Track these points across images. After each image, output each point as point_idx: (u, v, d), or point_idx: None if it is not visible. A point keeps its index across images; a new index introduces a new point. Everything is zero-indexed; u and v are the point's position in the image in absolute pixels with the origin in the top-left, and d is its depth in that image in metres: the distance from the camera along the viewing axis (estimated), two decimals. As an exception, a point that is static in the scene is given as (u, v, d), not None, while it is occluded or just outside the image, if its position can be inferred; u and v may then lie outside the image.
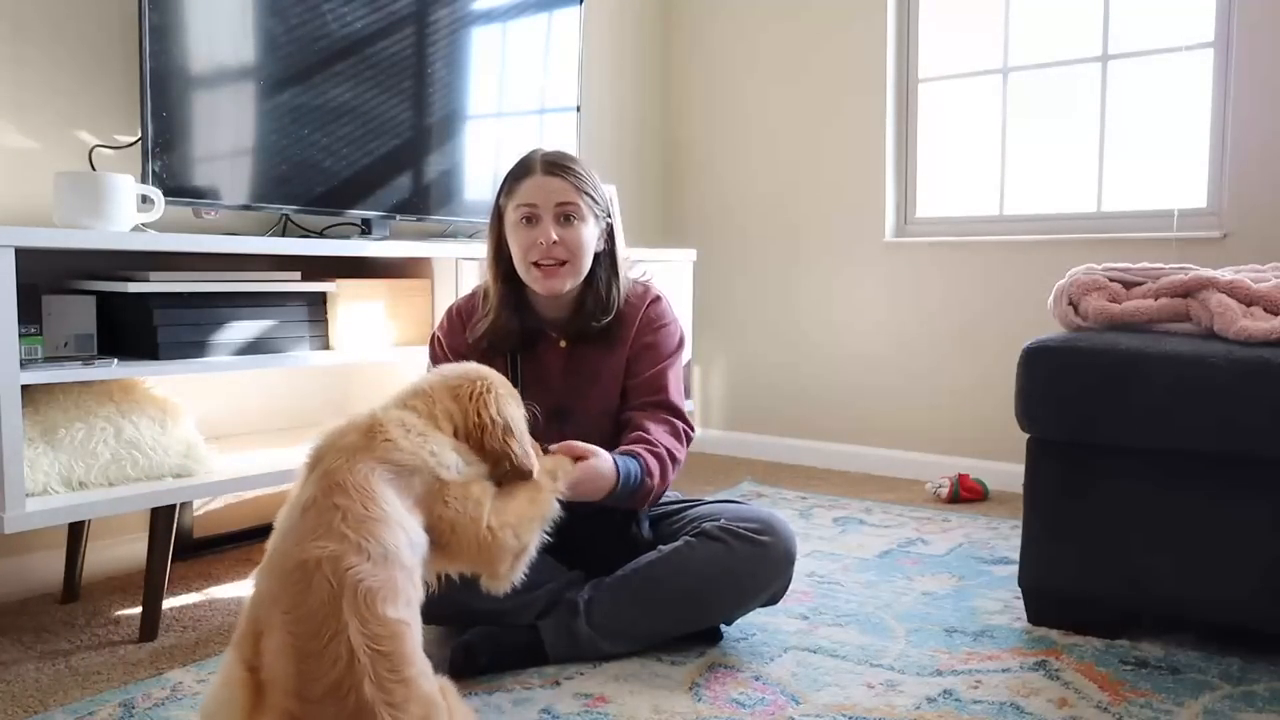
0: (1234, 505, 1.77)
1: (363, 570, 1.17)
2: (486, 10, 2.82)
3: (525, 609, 1.77)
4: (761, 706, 1.63)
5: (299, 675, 1.12)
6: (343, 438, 1.32)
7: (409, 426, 1.36)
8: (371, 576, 1.17)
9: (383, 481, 1.28)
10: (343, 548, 1.18)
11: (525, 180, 1.82)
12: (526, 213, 1.81)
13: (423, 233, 2.87)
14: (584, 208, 1.82)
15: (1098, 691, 1.67)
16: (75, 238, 1.87)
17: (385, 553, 1.21)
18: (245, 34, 2.30)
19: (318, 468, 1.29)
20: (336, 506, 1.22)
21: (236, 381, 2.51)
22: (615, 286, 1.89)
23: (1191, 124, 2.98)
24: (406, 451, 1.32)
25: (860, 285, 3.55)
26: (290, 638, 1.14)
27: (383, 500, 1.26)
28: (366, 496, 1.24)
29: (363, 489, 1.25)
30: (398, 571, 1.21)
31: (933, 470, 3.33)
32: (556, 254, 1.80)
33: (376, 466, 1.28)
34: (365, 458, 1.29)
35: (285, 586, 1.18)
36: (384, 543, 1.22)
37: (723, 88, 3.85)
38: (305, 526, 1.22)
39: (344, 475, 1.26)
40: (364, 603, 1.15)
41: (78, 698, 1.69)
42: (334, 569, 1.16)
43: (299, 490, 1.29)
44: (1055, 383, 1.89)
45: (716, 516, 1.85)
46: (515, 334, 1.87)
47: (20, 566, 2.20)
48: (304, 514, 1.24)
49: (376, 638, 1.14)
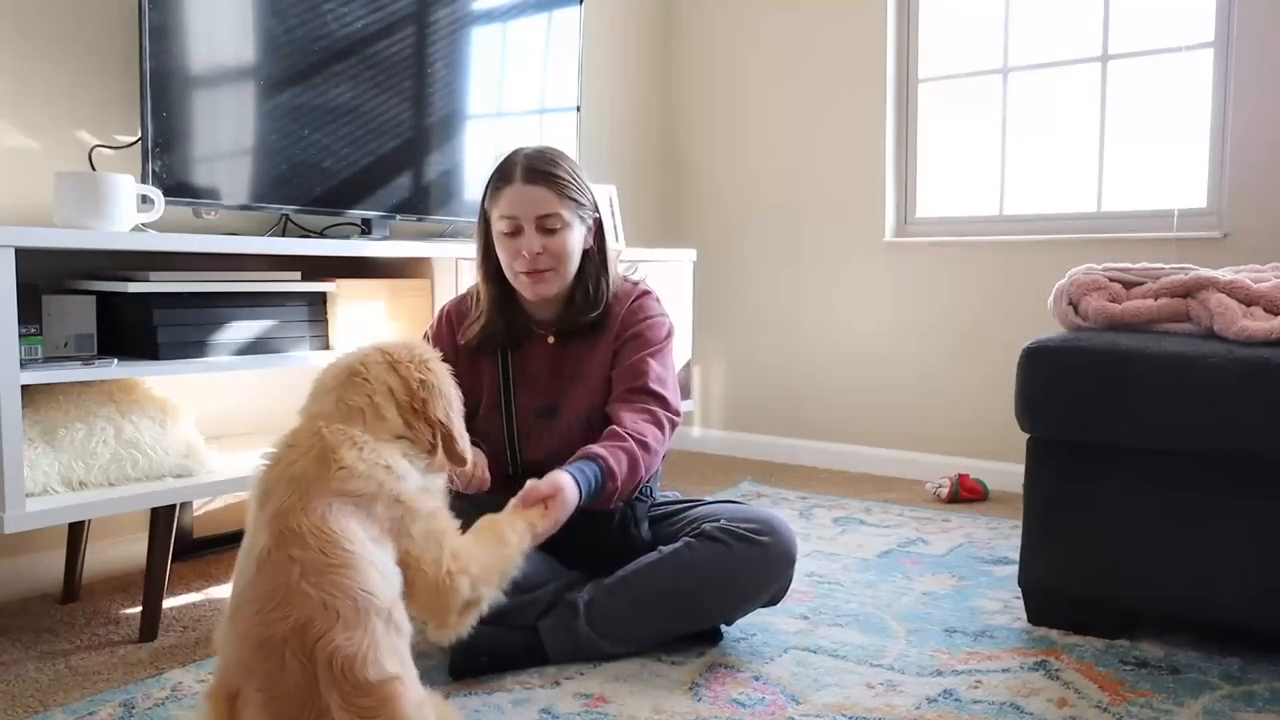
0: (1234, 505, 1.77)
1: (334, 637, 1.07)
2: (486, 10, 2.82)
3: (526, 609, 1.77)
4: (761, 706, 1.63)
5: None
6: (291, 466, 1.21)
7: (359, 443, 1.25)
8: (346, 641, 1.07)
9: (343, 516, 1.17)
10: (307, 612, 1.08)
11: (506, 189, 1.81)
12: (509, 225, 1.81)
13: (423, 233, 2.87)
14: (566, 215, 1.81)
15: (1098, 691, 1.67)
16: (75, 238, 1.87)
17: (356, 604, 1.11)
18: (245, 34, 2.30)
19: (268, 504, 1.18)
20: (293, 559, 1.12)
21: (236, 381, 2.51)
22: (604, 281, 1.90)
23: (1191, 124, 2.98)
24: (363, 476, 1.21)
25: (860, 285, 3.55)
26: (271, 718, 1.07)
27: (345, 541, 1.15)
28: (325, 540, 1.13)
29: (320, 532, 1.14)
30: (375, 621, 1.11)
31: (933, 470, 3.33)
32: (541, 264, 1.81)
33: (333, 501, 1.17)
34: (320, 491, 1.18)
35: (256, 662, 1.09)
36: (352, 593, 1.11)
37: (723, 88, 3.85)
38: (263, 589, 1.12)
39: (297, 519, 1.15)
40: (343, 674, 1.06)
41: (78, 698, 1.69)
42: (301, 643, 1.07)
43: (252, 532, 1.19)
44: (1055, 383, 1.89)
45: (716, 517, 1.86)
46: (503, 332, 1.89)
47: (20, 566, 2.20)
48: (260, 570, 1.14)
49: (366, 711, 1.06)
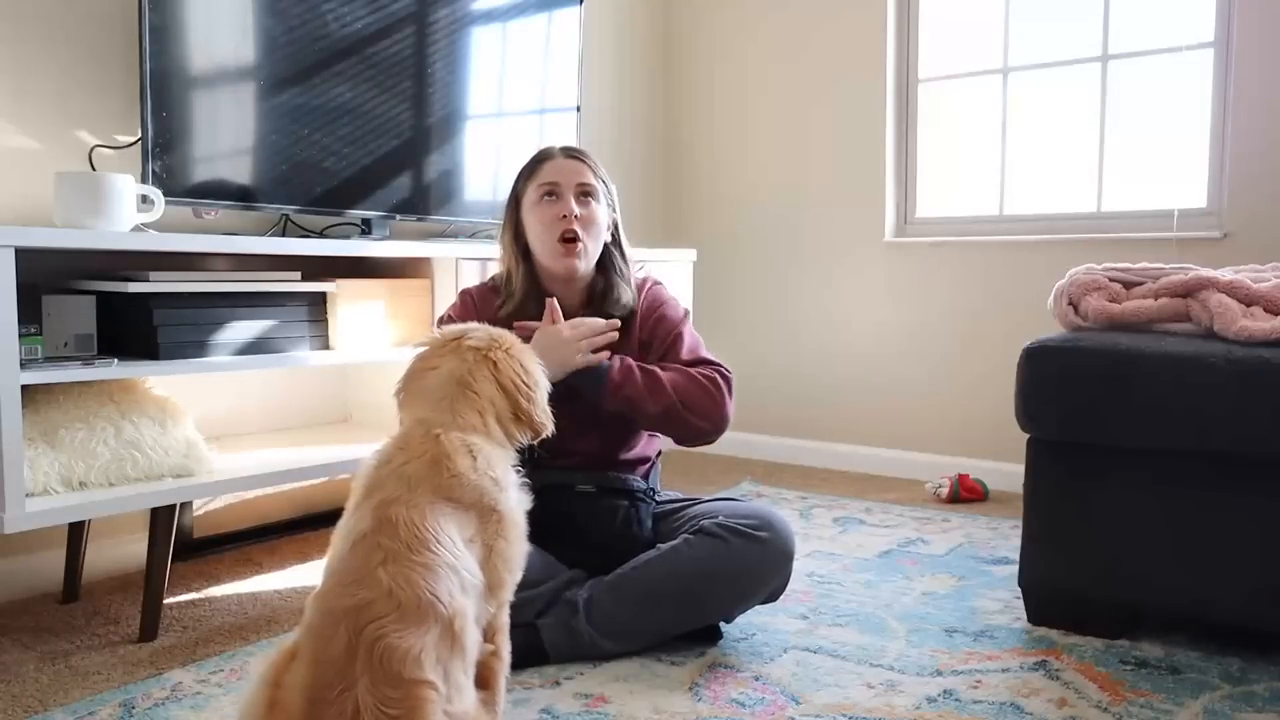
0: (1234, 505, 1.77)
1: (386, 624, 1.13)
2: (486, 10, 2.82)
3: (525, 606, 1.77)
4: (761, 706, 1.63)
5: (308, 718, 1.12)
6: (405, 465, 1.28)
7: (474, 451, 1.32)
8: (396, 632, 1.13)
9: (441, 518, 1.24)
10: (372, 595, 1.15)
11: (546, 163, 1.95)
12: (549, 189, 1.91)
13: (423, 233, 2.87)
14: (599, 189, 1.95)
15: (1098, 691, 1.67)
16: (75, 238, 1.87)
17: (420, 603, 1.16)
18: (245, 34, 2.30)
19: (375, 494, 1.26)
20: (380, 547, 1.19)
21: (236, 381, 2.51)
22: (626, 277, 1.99)
23: (1191, 124, 2.98)
24: (470, 485, 1.29)
25: (860, 285, 3.55)
26: (309, 680, 1.13)
27: (434, 542, 1.21)
28: (415, 536, 1.20)
29: (414, 528, 1.21)
30: (432, 626, 1.16)
31: (933, 470, 3.33)
32: (577, 226, 1.90)
33: (437, 502, 1.25)
34: (427, 491, 1.26)
35: (317, 627, 1.16)
36: (420, 591, 1.17)
37: (723, 88, 3.85)
38: (348, 565, 1.20)
39: (398, 510, 1.22)
40: (379, 662, 1.11)
41: (78, 698, 1.69)
42: (357, 620, 1.13)
43: (351, 515, 1.27)
44: (1055, 383, 1.89)
45: (715, 514, 1.86)
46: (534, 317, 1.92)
47: (20, 566, 2.20)
48: (351, 550, 1.21)
49: (386, 700, 1.10)
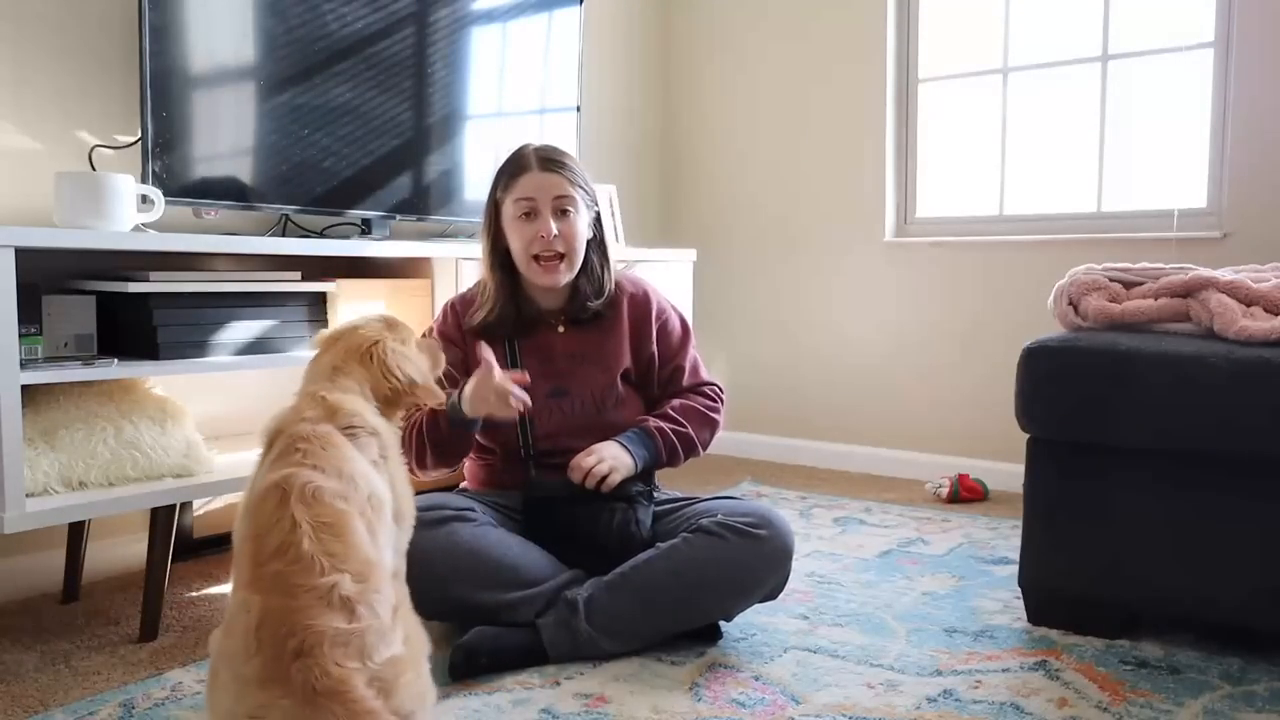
0: (1234, 505, 1.77)
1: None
2: (486, 10, 2.82)
3: (526, 605, 1.78)
4: (761, 706, 1.63)
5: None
6: (300, 414, 1.39)
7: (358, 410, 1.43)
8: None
9: (343, 440, 1.36)
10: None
11: (522, 176, 1.93)
12: (526, 208, 1.91)
13: (423, 233, 2.87)
14: (578, 200, 1.94)
15: (1098, 691, 1.67)
16: (75, 238, 1.87)
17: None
18: (245, 34, 2.30)
19: (279, 439, 1.35)
20: (297, 448, 1.30)
21: (237, 381, 2.51)
22: (607, 271, 2.02)
23: (1191, 124, 2.98)
24: (367, 421, 1.41)
25: (860, 285, 3.55)
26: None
27: (345, 449, 1.34)
28: (328, 443, 1.32)
29: (324, 438, 1.33)
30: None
31: (933, 470, 3.33)
32: (556, 247, 1.90)
33: (337, 430, 1.37)
34: (328, 425, 1.37)
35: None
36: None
37: (723, 88, 3.85)
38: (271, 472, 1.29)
39: (307, 430, 1.34)
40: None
41: (78, 698, 1.69)
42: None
43: (261, 469, 1.34)
44: (1055, 383, 1.89)
45: (714, 512, 1.87)
46: (512, 320, 1.96)
47: (20, 566, 2.20)
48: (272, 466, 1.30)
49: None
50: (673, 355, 2.06)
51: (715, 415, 2.02)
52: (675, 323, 2.08)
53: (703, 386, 2.05)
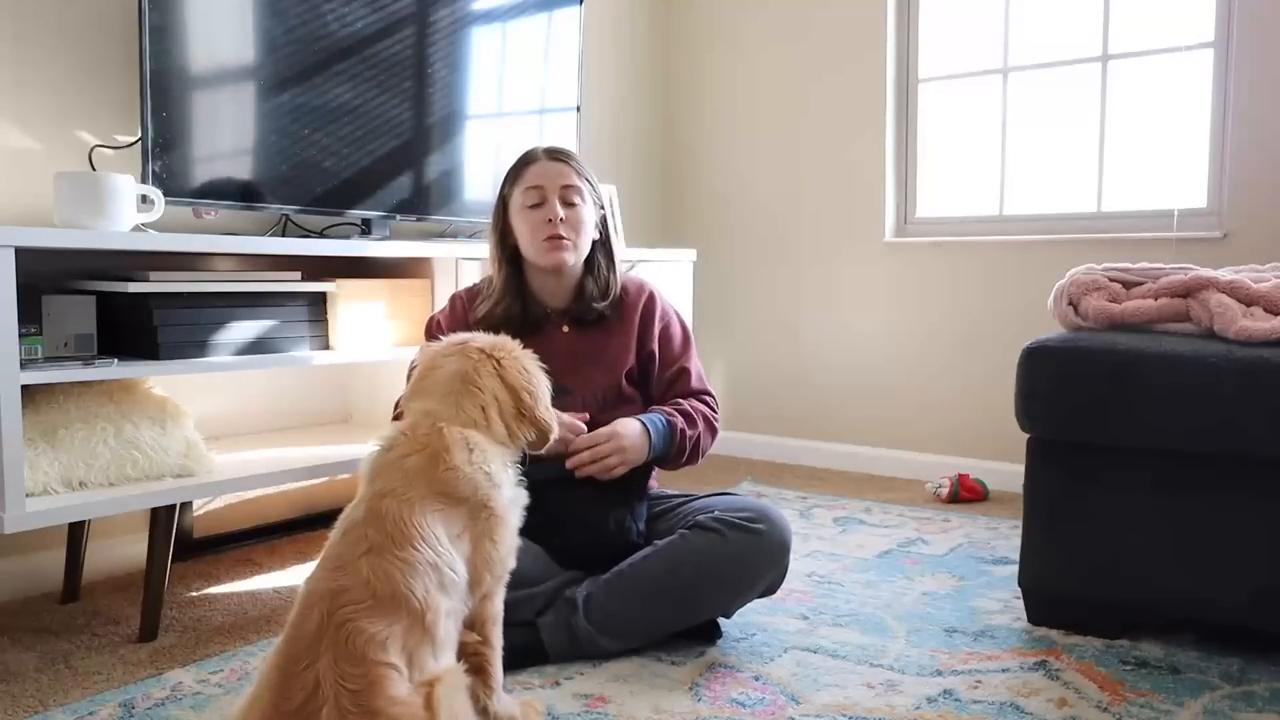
0: (1234, 505, 1.77)
1: (359, 611, 1.20)
2: (486, 10, 2.82)
3: (526, 604, 1.78)
4: (761, 706, 1.63)
5: (279, 689, 1.18)
6: (406, 458, 1.35)
7: (472, 446, 1.39)
8: (366, 617, 1.20)
9: (429, 515, 1.31)
10: (350, 582, 1.22)
11: (531, 166, 1.98)
12: (534, 197, 1.95)
13: (423, 233, 2.87)
14: (585, 191, 1.98)
15: (1098, 691, 1.67)
16: (75, 238, 1.87)
17: (394, 595, 1.23)
18: (245, 34, 2.30)
19: (375, 483, 1.34)
20: (366, 538, 1.27)
21: (236, 381, 2.51)
22: (612, 272, 2.04)
23: (1191, 124, 2.98)
24: (464, 479, 1.36)
25: (860, 285, 3.55)
26: (281, 651, 1.22)
27: (418, 540, 1.28)
28: (401, 532, 1.27)
29: (401, 524, 1.28)
30: (403, 616, 1.23)
31: (933, 470, 3.33)
32: (563, 230, 1.94)
33: (429, 498, 1.32)
34: (421, 486, 1.32)
35: (300, 606, 1.24)
36: (395, 584, 1.23)
37: (723, 88, 3.85)
38: (335, 552, 1.28)
39: (390, 504, 1.29)
40: (345, 641, 1.18)
41: (78, 698, 1.69)
42: (330, 604, 1.21)
43: (354, 503, 1.34)
44: (1055, 383, 1.89)
45: (710, 509, 1.87)
46: (518, 317, 1.97)
47: (20, 566, 2.20)
48: (343, 537, 1.30)
49: (346, 675, 1.16)
50: (675, 358, 2.06)
51: (718, 426, 2.04)
52: (677, 327, 2.09)
53: (705, 396, 2.06)
